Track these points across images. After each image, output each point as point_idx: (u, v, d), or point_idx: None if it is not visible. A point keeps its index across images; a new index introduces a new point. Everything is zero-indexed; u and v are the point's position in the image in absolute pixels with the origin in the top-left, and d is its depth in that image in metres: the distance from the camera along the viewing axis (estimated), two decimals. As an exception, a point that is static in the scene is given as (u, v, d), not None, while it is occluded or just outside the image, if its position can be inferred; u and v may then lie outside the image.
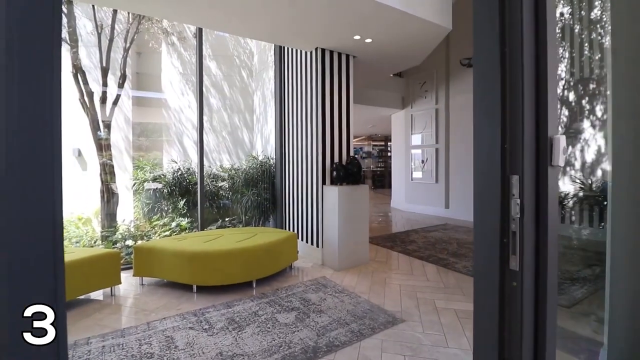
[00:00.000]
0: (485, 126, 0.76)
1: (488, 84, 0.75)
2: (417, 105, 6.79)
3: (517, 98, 0.70)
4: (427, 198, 6.63)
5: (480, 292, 0.79)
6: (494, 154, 0.73)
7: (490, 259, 0.75)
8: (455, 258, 3.58)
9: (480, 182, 0.77)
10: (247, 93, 5.85)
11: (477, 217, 0.79)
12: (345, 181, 3.32)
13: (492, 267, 0.74)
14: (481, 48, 0.77)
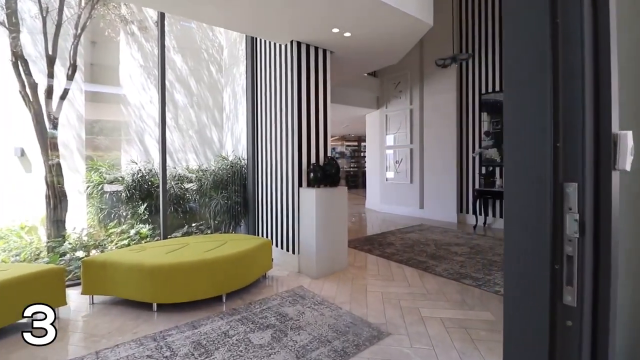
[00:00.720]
0: (524, 117, 0.59)
1: (531, 62, 0.58)
2: (392, 106, 6.76)
3: (574, 81, 0.54)
4: (402, 198, 6.61)
5: (519, 333, 0.62)
6: (539, 155, 0.56)
7: (535, 292, 0.58)
8: (435, 260, 3.51)
9: (516, 190, 0.60)
10: (216, 89, 5.50)
11: (512, 236, 0.62)
12: (323, 183, 3.13)
13: (538, 302, 0.57)
14: (519, 19, 0.60)
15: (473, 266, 3.33)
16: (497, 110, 5.16)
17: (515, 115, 0.61)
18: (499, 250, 3.90)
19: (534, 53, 0.57)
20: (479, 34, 5.47)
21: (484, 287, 2.78)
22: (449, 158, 5.80)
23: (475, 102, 5.50)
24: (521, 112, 0.60)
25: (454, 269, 3.25)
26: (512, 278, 0.62)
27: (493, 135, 5.22)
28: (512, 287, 0.63)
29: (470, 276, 3.04)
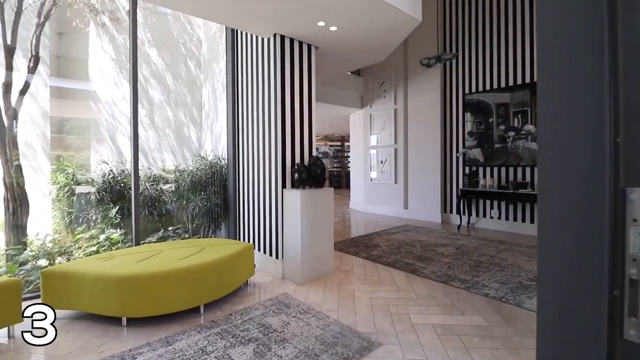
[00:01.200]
0: (570, 104, 0.47)
1: (581, 30, 0.46)
2: (376, 105, 6.70)
3: None
4: (387, 199, 6.56)
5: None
6: (594, 153, 0.45)
7: (586, 325, 0.46)
8: (422, 262, 3.44)
9: (560, 198, 0.49)
10: (194, 86, 5.25)
11: (552, 253, 0.50)
12: (308, 184, 2.99)
13: (589, 339, 0.46)
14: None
15: (460, 267, 3.28)
16: (480, 111, 5.19)
17: (556, 102, 0.49)
18: (484, 251, 3.88)
19: (585, 17, 0.46)
20: (462, 34, 5.48)
21: (472, 289, 2.72)
22: (433, 158, 5.79)
23: (459, 103, 5.51)
24: (566, 97, 0.48)
25: (441, 270, 3.19)
26: (551, 307, 0.51)
27: (476, 135, 5.23)
28: (549, 318, 0.51)
29: (458, 278, 2.98)
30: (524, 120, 4.69)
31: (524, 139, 4.70)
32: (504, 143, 4.90)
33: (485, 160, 5.12)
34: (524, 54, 4.75)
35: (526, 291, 2.68)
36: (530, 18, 4.70)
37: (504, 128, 4.90)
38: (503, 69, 4.97)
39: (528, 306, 2.40)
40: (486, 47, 5.17)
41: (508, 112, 4.84)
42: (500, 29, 5.02)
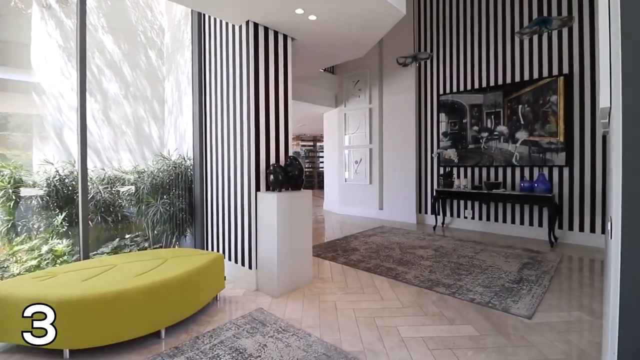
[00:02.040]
0: None
1: None
2: (351, 104, 6.57)
3: None
4: (362, 200, 6.45)
5: None
6: None
7: None
8: (403, 267, 3.31)
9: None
10: (155, 78, 4.80)
11: None
12: (285, 186, 2.74)
13: None
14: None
15: (442, 271, 3.19)
16: (454, 111, 5.20)
17: None
18: (462, 252, 3.84)
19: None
20: (437, 35, 5.48)
21: (457, 295, 2.62)
22: (408, 158, 5.75)
23: (434, 103, 5.51)
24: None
25: (423, 275, 3.08)
26: None
27: (451, 135, 5.25)
28: None
29: (441, 283, 2.88)
30: (496, 121, 4.75)
31: (496, 140, 4.75)
32: (477, 144, 4.94)
33: (459, 160, 5.14)
34: (496, 56, 4.82)
35: (510, 295, 2.62)
36: (502, 21, 4.76)
37: (477, 129, 4.94)
38: (476, 70, 5.01)
39: (515, 311, 2.32)
40: (460, 48, 5.20)
41: (481, 113, 4.89)
42: (474, 31, 5.06)
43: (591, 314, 2.28)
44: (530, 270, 3.20)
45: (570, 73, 4.17)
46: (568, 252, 3.86)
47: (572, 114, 4.17)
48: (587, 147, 4.09)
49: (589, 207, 4.11)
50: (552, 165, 4.30)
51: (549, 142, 4.29)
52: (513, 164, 4.61)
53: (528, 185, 4.32)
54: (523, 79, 4.53)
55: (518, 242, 4.32)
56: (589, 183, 4.09)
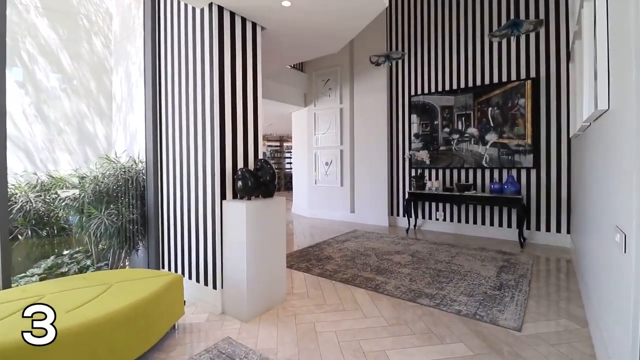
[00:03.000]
0: None
1: None
2: (321, 104, 6.33)
3: None
4: (332, 203, 6.24)
5: None
6: None
7: None
8: (382, 276, 3.12)
9: None
10: (102, 69, 4.21)
11: None
12: (255, 193, 2.42)
13: None
14: None
15: (422, 279, 3.05)
16: (425, 113, 5.16)
17: None
18: (438, 256, 3.75)
19: None
20: (409, 35, 5.41)
21: (442, 306, 2.47)
22: (380, 160, 5.64)
23: (405, 104, 5.44)
24: None
25: (404, 285, 2.91)
26: None
27: (422, 137, 5.20)
28: None
29: (424, 293, 2.72)
30: (467, 123, 4.75)
31: (467, 142, 4.76)
32: (448, 145, 4.93)
33: (431, 162, 5.11)
34: (467, 58, 4.83)
35: (494, 303, 2.52)
36: (472, 23, 4.78)
37: (448, 131, 4.92)
38: (447, 72, 5.00)
39: (503, 323, 2.21)
40: (431, 49, 5.16)
41: (452, 114, 4.88)
42: (445, 32, 5.04)
43: (576, 321, 2.23)
44: (508, 275, 3.16)
45: (537, 77, 4.26)
46: (537, 252, 3.92)
47: (539, 117, 4.26)
48: (553, 149, 4.20)
49: (555, 208, 4.21)
50: (521, 167, 4.37)
51: (518, 145, 4.36)
52: (483, 166, 4.64)
53: (498, 187, 4.35)
54: (492, 82, 4.58)
55: (489, 244, 4.34)
56: (555, 184, 4.20)
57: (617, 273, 1.38)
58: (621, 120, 1.38)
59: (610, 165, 1.55)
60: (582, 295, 2.61)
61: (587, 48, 2.16)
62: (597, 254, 1.90)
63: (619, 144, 1.42)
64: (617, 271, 1.38)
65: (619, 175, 1.42)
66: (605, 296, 1.66)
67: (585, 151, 2.55)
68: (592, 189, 2.13)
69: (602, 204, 1.72)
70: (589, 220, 2.25)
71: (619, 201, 1.38)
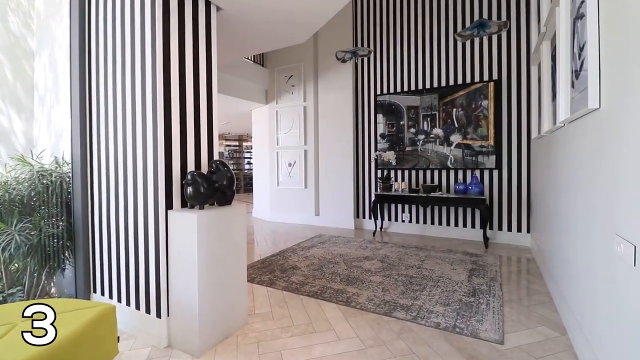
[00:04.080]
0: None
1: None
2: (283, 101, 6.00)
3: None
4: (296, 206, 5.94)
5: None
6: None
7: None
8: (353, 287, 2.89)
9: None
10: (20, 53, 3.51)
11: None
12: (209, 201, 2.05)
13: None
14: None
15: (395, 288, 2.87)
16: (391, 113, 5.06)
17: None
18: (408, 261, 3.62)
19: None
20: (374, 33, 5.28)
21: (420, 320, 2.29)
22: (345, 161, 5.45)
23: (371, 103, 5.30)
24: None
25: (377, 296, 2.70)
26: None
27: (388, 137, 5.09)
28: None
29: (399, 305, 2.53)
30: (432, 123, 4.72)
31: (432, 142, 4.73)
32: (414, 146, 4.86)
33: (397, 163, 5.01)
34: (432, 58, 4.79)
35: (471, 312, 2.39)
36: (437, 25, 4.75)
37: (414, 131, 4.86)
38: (413, 71, 4.94)
39: (484, 335, 2.07)
40: (397, 47, 5.07)
41: (418, 115, 4.82)
42: (410, 30, 4.97)
43: (554, 327, 2.16)
44: (479, 278, 3.09)
45: (499, 79, 4.32)
46: (501, 252, 3.96)
47: (501, 119, 4.32)
48: (514, 150, 4.28)
49: (515, 208, 4.30)
50: (484, 168, 4.40)
51: (481, 146, 4.39)
52: (448, 167, 4.63)
53: (462, 188, 4.35)
54: (457, 83, 4.58)
55: (455, 245, 4.32)
56: (516, 185, 4.28)
57: (623, 286, 1.25)
58: (622, 119, 1.25)
59: (605, 168, 1.44)
60: (553, 298, 2.59)
61: (564, 49, 2.09)
62: (583, 262, 1.81)
63: (617, 145, 1.30)
64: (622, 284, 1.26)
65: (615, 179, 1.30)
66: (599, 307, 1.55)
67: (557, 152, 2.52)
68: (572, 191, 2.07)
69: (591, 209, 1.62)
70: (568, 224, 2.19)
71: (621, 208, 1.25)
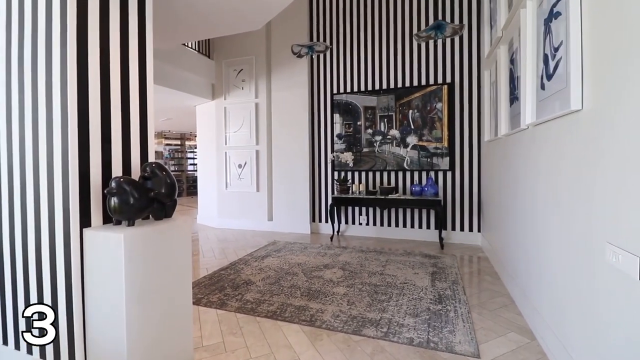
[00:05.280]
0: None
1: None
2: (233, 97, 5.52)
3: None
4: (247, 210, 5.51)
5: None
6: None
7: None
8: (315, 302, 2.63)
9: None
10: None
11: None
12: (143, 214, 1.62)
13: None
14: None
15: (360, 300, 2.67)
16: (348, 112, 4.91)
17: None
18: (370, 267, 3.47)
19: None
20: (331, 27, 5.08)
21: (392, 336, 2.11)
22: (301, 162, 5.17)
23: (327, 102, 5.10)
24: None
25: (343, 311, 2.47)
26: None
27: (345, 138, 4.93)
28: None
29: (367, 320, 2.32)
30: (389, 125, 4.66)
31: (389, 144, 4.67)
32: (371, 147, 4.77)
33: (354, 164, 4.87)
34: (389, 58, 4.74)
35: (442, 322, 2.27)
36: (394, 26, 4.71)
37: (371, 132, 4.76)
38: (370, 71, 4.84)
39: (460, 349, 1.94)
40: (354, 45, 4.93)
41: (375, 116, 4.73)
42: (367, 30, 4.86)
43: (524, 333, 2.13)
44: (442, 282, 3.04)
45: (452, 82, 4.40)
46: (456, 252, 4.03)
47: (454, 121, 4.41)
48: (466, 152, 4.39)
49: (467, 209, 4.41)
50: (438, 170, 4.46)
51: (436, 147, 4.43)
52: (405, 168, 4.61)
53: (419, 189, 4.35)
54: (413, 84, 4.57)
55: (412, 246, 4.30)
56: (468, 186, 4.40)
57: (622, 300, 1.16)
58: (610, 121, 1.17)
59: (590, 172, 1.36)
60: (514, 300, 2.60)
61: (530, 52, 2.08)
62: (562, 268, 1.76)
63: (606, 147, 1.22)
64: (622, 298, 1.16)
65: (605, 185, 1.21)
66: (591, 318, 1.48)
67: (519, 154, 2.53)
68: (540, 193, 2.05)
69: (571, 215, 1.56)
70: (535, 227, 2.17)
71: (620, 216, 1.16)
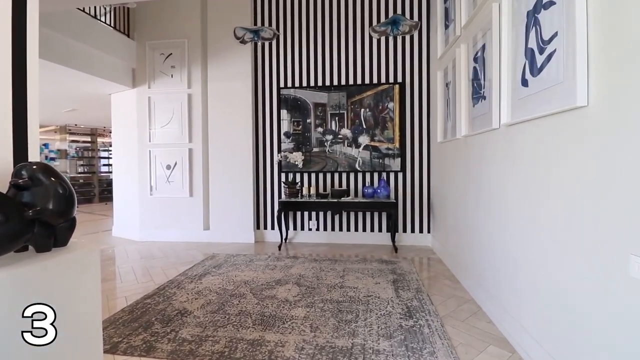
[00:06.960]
0: None
1: None
2: (159, 86, 4.69)
3: None
4: (178, 219, 4.74)
5: None
6: None
7: None
8: (272, 331, 2.18)
9: None
10: None
11: None
12: (14, 246, 1.00)
13: None
14: None
15: (324, 323, 2.30)
16: (297, 109, 4.52)
17: None
18: (327, 280, 3.14)
19: None
20: (278, 13, 4.61)
21: (370, 369, 1.78)
22: (243, 162, 4.61)
23: (274, 97, 4.63)
24: None
25: (307, 340, 2.07)
26: None
27: (294, 137, 4.53)
28: None
29: (338, 350, 1.96)
30: (341, 123, 4.41)
31: (341, 144, 4.42)
32: (322, 147, 4.46)
33: (304, 165, 4.50)
34: (340, 54, 4.47)
35: (419, 342, 2.03)
36: (349, 18, 4.45)
37: (322, 131, 4.45)
38: (320, 65, 4.51)
39: (447, 377, 1.71)
40: (302, 36, 4.55)
41: (326, 113, 4.43)
42: (317, 21, 4.53)
43: (501, 344, 2.00)
44: (405, 292, 2.85)
45: (403, 81, 4.32)
46: (410, 255, 3.96)
47: (405, 122, 4.33)
48: (417, 153, 4.35)
49: (418, 210, 4.38)
50: (390, 171, 4.35)
51: (387, 148, 4.31)
52: (357, 170, 4.40)
53: (371, 192, 4.18)
54: (365, 82, 4.39)
55: (365, 251, 4.12)
56: (418, 187, 4.37)
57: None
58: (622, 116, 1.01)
59: (595, 167, 1.20)
60: (481, 306, 2.52)
61: (506, 47, 1.97)
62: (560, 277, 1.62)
63: (618, 144, 1.06)
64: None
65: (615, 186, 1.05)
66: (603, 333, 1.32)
67: (488, 155, 2.43)
68: (513, 194, 1.93)
69: (572, 215, 1.41)
70: (505, 229, 2.06)
71: None
